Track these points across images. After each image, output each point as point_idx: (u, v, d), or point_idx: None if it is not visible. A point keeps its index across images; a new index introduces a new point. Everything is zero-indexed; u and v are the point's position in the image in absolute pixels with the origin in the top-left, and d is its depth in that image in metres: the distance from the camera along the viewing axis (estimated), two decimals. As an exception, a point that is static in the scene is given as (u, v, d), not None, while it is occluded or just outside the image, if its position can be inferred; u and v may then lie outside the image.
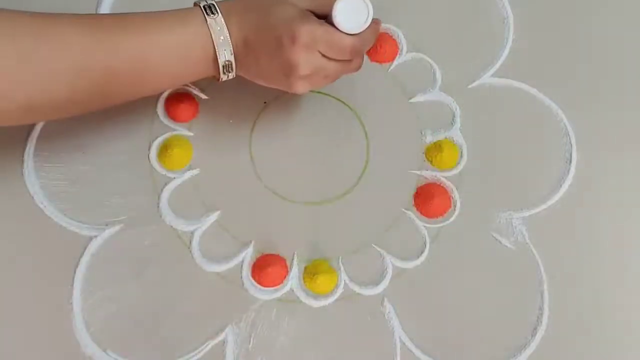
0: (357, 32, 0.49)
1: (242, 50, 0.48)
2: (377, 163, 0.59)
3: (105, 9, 0.61)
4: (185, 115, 0.59)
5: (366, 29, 0.49)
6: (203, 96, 0.60)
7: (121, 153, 0.57)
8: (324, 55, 0.48)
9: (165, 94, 0.59)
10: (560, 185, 0.59)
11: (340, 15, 0.48)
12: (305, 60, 0.48)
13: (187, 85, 0.60)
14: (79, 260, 0.54)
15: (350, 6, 0.48)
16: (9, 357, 0.52)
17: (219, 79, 0.51)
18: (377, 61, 0.62)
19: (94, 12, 0.61)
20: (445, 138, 0.60)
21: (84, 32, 0.45)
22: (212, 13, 0.47)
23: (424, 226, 0.57)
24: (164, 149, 0.58)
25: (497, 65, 0.62)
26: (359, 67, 0.52)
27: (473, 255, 0.57)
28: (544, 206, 0.58)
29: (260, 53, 0.48)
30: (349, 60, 0.50)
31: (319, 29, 0.47)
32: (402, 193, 0.58)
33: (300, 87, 0.49)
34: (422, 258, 0.56)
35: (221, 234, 0.56)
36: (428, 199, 0.58)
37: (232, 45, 0.48)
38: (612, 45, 0.64)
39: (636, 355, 0.55)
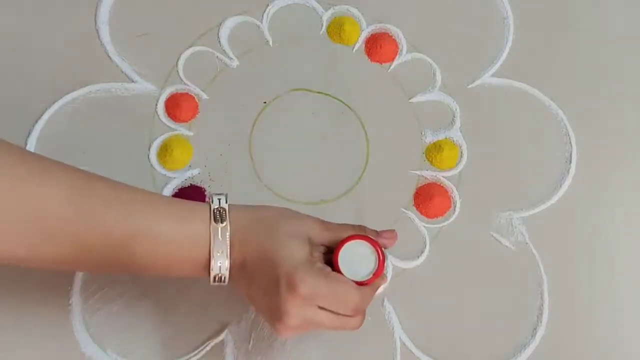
0: (361, 280, 0.45)
1: (237, 272, 0.44)
2: (377, 163, 0.59)
3: (105, 8, 0.61)
4: (185, 115, 0.59)
5: (370, 281, 0.46)
6: (203, 96, 0.60)
7: (121, 153, 0.57)
8: (322, 308, 0.43)
9: (166, 94, 0.59)
10: (560, 185, 0.59)
11: (344, 263, 0.45)
12: (298, 312, 0.43)
13: (187, 85, 0.60)
14: (79, 260, 0.54)
15: (357, 252, 0.45)
16: (9, 356, 0.52)
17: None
18: (377, 61, 0.62)
19: (94, 12, 0.61)
20: (445, 138, 0.60)
21: (70, 199, 0.41)
22: (221, 221, 0.43)
23: (424, 226, 0.57)
24: (164, 149, 0.58)
25: (497, 65, 0.63)
26: (359, 326, 0.46)
27: (473, 255, 0.57)
28: (544, 206, 0.58)
29: (254, 283, 0.44)
30: (349, 316, 0.45)
31: (322, 284, 0.43)
32: (402, 193, 0.58)
33: (284, 334, 0.44)
34: (422, 258, 0.56)
35: (221, 234, 0.56)
36: (428, 199, 0.58)
37: (229, 262, 0.43)
38: (612, 45, 0.64)
39: (636, 355, 0.55)
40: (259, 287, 0.44)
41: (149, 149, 0.58)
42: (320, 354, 0.53)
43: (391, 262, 0.56)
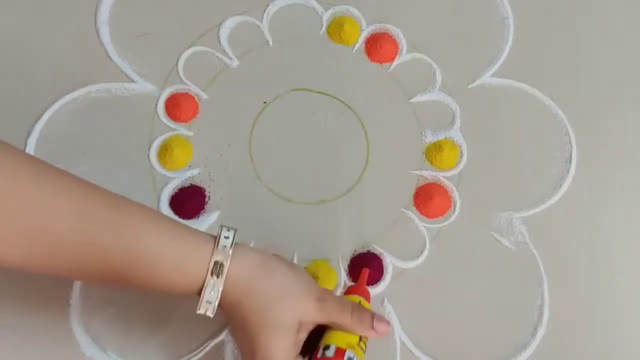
0: None
1: (224, 314, 0.44)
2: (377, 163, 0.59)
3: (105, 8, 0.61)
4: (185, 115, 0.59)
5: None
6: (203, 96, 0.60)
7: (121, 153, 0.57)
8: None
9: (166, 94, 0.59)
10: (560, 185, 0.59)
11: None
12: None
13: (187, 85, 0.60)
14: (79, 260, 0.54)
15: None
16: (9, 356, 0.52)
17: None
18: (377, 61, 0.62)
19: (94, 12, 0.61)
20: (445, 138, 0.60)
21: (72, 219, 0.40)
22: (217, 275, 0.42)
23: (424, 226, 0.57)
24: (164, 149, 0.58)
25: (497, 65, 0.63)
26: None
27: (473, 255, 0.57)
28: (544, 206, 0.58)
29: (235, 333, 0.46)
30: None
31: None
32: (402, 193, 0.58)
33: None
34: (422, 258, 0.56)
35: (221, 234, 0.56)
36: (428, 199, 0.58)
37: (214, 309, 0.43)
38: (612, 45, 0.64)
39: (636, 355, 0.55)
40: (238, 341, 0.46)
41: (149, 149, 0.58)
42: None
43: (391, 262, 0.56)
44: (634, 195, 0.59)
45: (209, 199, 0.57)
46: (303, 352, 0.45)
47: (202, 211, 0.56)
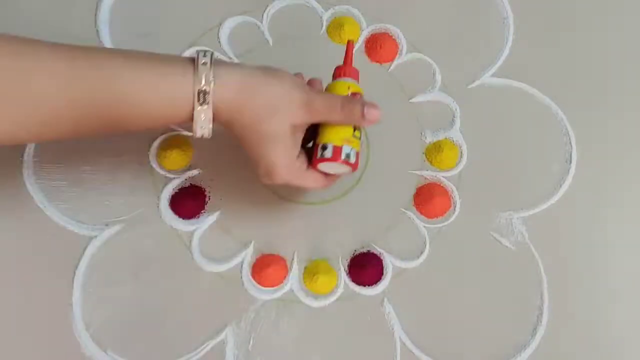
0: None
1: (224, 128, 0.48)
2: (377, 163, 0.59)
3: (105, 8, 0.61)
4: (185, 115, 0.59)
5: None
6: (203, 96, 0.60)
7: (121, 153, 0.57)
8: None
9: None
10: (560, 185, 0.59)
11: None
12: (272, 184, 0.49)
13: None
14: (79, 260, 0.54)
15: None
16: (9, 357, 0.52)
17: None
18: (377, 61, 0.62)
19: (94, 12, 0.61)
20: (445, 138, 0.60)
21: (65, 92, 0.43)
22: (204, 103, 0.45)
23: (424, 226, 0.57)
24: (164, 149, 0.58)
25: (497, 65, 0.63)
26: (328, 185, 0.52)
27: (473, 255, 0.57)
28: (544, 206, 0.58)
29: (245, 151, 0.48)
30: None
31: (294, 180, 0.49)
32: (402, 193, 0.58)
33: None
34: (422, 258, 0.56)
35: (221, 234, 0.56)
36: (428, 199, 0.58)
37: (211, 132, 0.47)
38: (612, 45, 0.64)
39: (636, 355, 0.55)
40: (245, 150, 0.48)
41: (149, 149, 0.58)
42: (320, 354, 0.53)
43: (391, 262, 0.56)
44: (634, 195, 0.59)
45: (209, 199, 0.57)
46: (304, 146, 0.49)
47: (202, 211, 0.56)
